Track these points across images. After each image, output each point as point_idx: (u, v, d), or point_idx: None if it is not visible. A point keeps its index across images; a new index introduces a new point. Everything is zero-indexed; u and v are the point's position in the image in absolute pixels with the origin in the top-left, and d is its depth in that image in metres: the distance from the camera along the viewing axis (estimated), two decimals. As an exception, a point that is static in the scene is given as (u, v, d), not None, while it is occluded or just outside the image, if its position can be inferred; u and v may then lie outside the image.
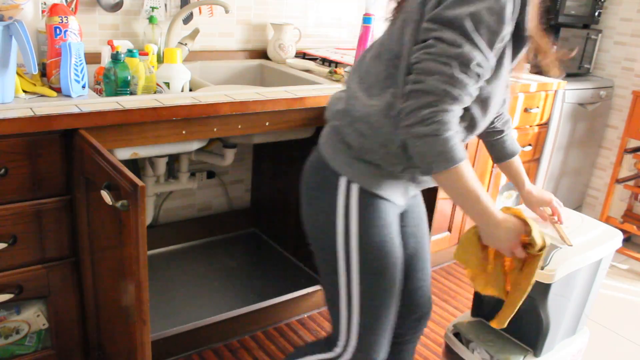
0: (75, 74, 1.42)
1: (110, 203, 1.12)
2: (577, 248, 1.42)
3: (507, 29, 1.01)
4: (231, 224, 2.45)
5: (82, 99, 1.42)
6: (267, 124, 1.68)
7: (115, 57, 1.54)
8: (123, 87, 1.55)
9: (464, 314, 1.72)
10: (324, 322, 2.09)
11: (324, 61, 2.27)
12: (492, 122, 1.36)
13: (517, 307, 1.17)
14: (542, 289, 1.37)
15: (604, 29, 3.01)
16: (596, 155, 3.16)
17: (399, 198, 1.19)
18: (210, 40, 2.19)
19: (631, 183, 2.85)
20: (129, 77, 1.56)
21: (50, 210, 1.37)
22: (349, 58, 2.16)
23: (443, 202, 2.37)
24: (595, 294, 1.63)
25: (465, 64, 0.97)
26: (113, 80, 1.54)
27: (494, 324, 1.22)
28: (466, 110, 1.06)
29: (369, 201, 1.13)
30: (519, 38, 1.07)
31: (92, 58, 1.69)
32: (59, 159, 1.34)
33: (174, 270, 2.12)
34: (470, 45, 0.97)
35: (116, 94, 1.55)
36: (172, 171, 2.11)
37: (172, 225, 2.28)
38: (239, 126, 1.63)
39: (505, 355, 1.53)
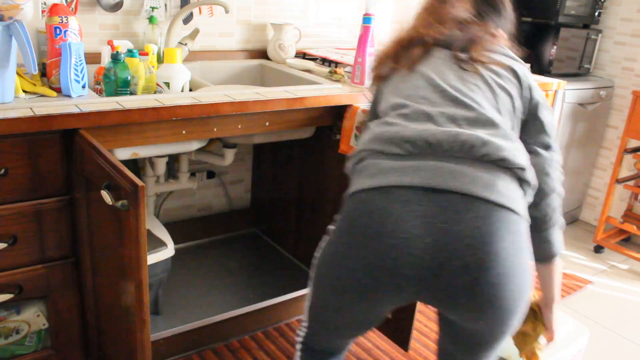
0: (75, 74, 1.42)
1: (110, 203, 1.12)
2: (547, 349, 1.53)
3: None
4: (231, 224, 2.45)
5: (82, 99, 1.42)
6: (267, 124, 1.68)
7: (115, 57, 1.54)
8: (123, 87, 1.55)
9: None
10: (324, 322, 2.09)
11: (324, 61, 2.27)
12: None
13: None
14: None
15: (604, 29, 3.01)
16: (596, 155, 3.16)
17: None
18: (210, 40, 2.19)
19: (631, 183, 2.85)
20: (129, 77, 1.56)
21: (50, 210, 1.37)
22: (349, 58, 2.16)
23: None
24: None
25: None
26: (113, 80, 1.54)
27: None
28: None
29: None
30: None
31: (92, 58, 1.69)
32: (59, 159, 1.34)
33: (173, 270, 2.11)
34: None
35: (116, 94, 1.55)
36: (172, 171, 2.11)
37: (172, 225, 2.28)
38: (239, 126, 1.63)
39: (507, 354, 1.53)
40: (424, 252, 0.96)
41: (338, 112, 1.81)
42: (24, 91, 1.41)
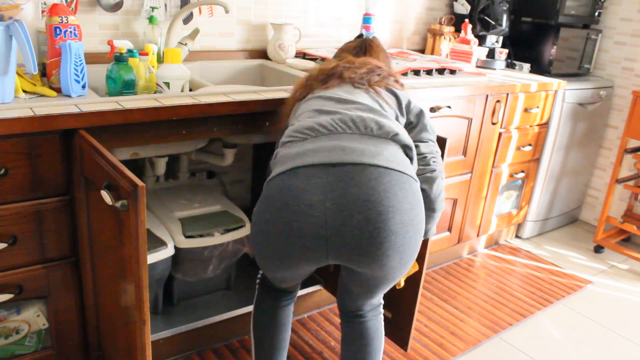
0: (75, 74, 1.42)
1: (110, 203, 1.12)
2: None
3: None
4: (231, 224, 2.45)
5: (82, 99, 1.43)
6: (267, 124, 1.68)
7: (118, 59, 1.54)
8: (126, 89, 1.55)
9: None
10: (323, 322, 2.09)
11: (324, 61, 2.27)
12: None
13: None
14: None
15: (604, 29, 3.01)
16: (596, 155, 3.16)
17: None
18: (210, 40, 2.19)
19: (631, 183, 2.85)
20: (133, 79, 1.56)
21: (50, 210, 1.37)
22: (349, 58, 2.16)
23: (443, 202, 2.37)
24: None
25: None
26: (117, 82, 1.54)
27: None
28: None
29: None
30: None
31: (92, 58, 1.69)
32: (59, 159, 1.34)
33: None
34: None
35: (120, 96, 1.55)
36: (172, 171, 2.11)
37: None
38: (239, 126, 1.63)
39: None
40: (324, 214, 1.15)
41: (338, 112, 1.81)
42: (24, 91, 1.41)
